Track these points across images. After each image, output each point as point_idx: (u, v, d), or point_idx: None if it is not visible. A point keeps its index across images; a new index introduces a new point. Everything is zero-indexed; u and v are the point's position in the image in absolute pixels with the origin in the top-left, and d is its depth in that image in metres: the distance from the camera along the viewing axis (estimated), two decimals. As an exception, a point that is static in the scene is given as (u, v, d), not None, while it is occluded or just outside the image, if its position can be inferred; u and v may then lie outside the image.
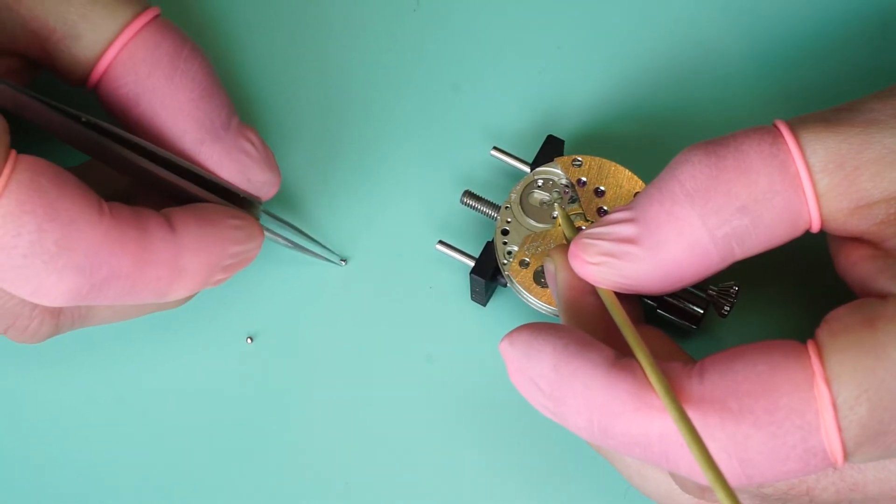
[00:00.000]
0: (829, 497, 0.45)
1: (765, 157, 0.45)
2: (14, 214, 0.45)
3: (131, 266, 0.46)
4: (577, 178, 0.53)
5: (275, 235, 0.53)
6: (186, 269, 0.48)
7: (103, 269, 0.46)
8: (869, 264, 0.45)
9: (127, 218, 0.47)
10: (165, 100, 0.50)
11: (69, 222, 0.45)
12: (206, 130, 0.50)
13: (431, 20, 0.59)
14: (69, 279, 0.46)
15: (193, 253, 0.48)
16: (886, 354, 0.41)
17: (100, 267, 0.46)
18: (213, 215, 0.49)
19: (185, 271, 0.48)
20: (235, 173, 0.51)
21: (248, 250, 0.50)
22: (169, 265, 0.47)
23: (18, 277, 0.45)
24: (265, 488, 0.52)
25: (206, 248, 0.48)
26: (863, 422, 0.41)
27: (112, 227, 0.46)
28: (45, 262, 0.45)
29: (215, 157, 0.50)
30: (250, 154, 0.51)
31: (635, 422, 0.43)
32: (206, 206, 0.50)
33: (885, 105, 0.45)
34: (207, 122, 0.50)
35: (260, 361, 0.54)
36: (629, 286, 0.46)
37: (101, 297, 0.47)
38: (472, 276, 0.53)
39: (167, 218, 0.48)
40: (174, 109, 0.50)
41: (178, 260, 0.48)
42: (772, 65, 0.58)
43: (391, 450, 0.53)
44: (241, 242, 0.50)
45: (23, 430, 0.53)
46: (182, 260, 0.48)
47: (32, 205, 0.45)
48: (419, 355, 0.54)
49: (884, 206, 0.45)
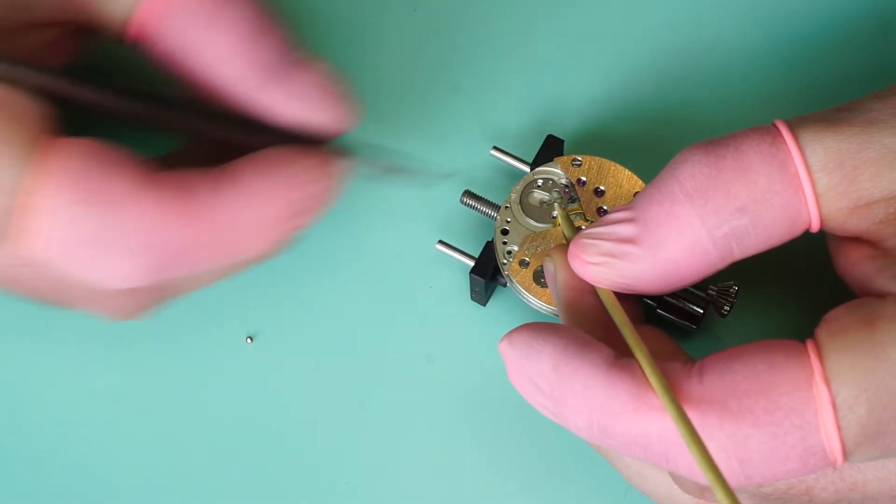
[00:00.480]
0: (829, 496, 0.45)
1: (764, 156, 0.45)
2: (62, 204, 0.43)
3: (196, 234, 0.44)
4: (577, 178, 0.53)
5: (366, 164, 0.49)
6: (257, 221, 0.46)
7: (169, 243, 0.44)
8: (868, 264, 0.45)
9: (182, 185, 0.45)
10: (212, 46, 0.47)
11: (122, 202, 0.43)
12: (262, 73, 0.47)
13: (431, 20, 0.59)
14: (135, 260, 0.44)
15: (261, 204, 0.46)
16: (886, 354, 0.41)
17: (164, 241, 0.44)
18: (275, 160, 0.46)
19: (255, 225, 0.46)
20: (302, 112, 0.47)
21: (321, 190, 0.47)
22: (237, 223, 0.45)
23: (83, 266, 0.44)
24: (265, 488, 0.52)
25: (272, 197, 0.46)
26: (862, 421, 0.41)
27: (169, 198, 0.44)
28: (106, 249, 0.44)
29: (278, 98, 0.47)
30: (316, 90, 0.48)
31: (635, 422, 0.43)
32: (267, 152, 0.47)
33: (884, 105, 0.45)
34: (262, 63, 0.47)
35: (260, 361, 0.54)
36: (629, 286, 0.46)
37: (176, 269, 0.45)
38: (472, 275, 0.53)
39: (228, 173, 0.46)
40: (224, 54, 0.47)
41: (244, 216, 0.45)
42: (772, 65, 0.58)
43: (391, 450, 0.53)
44: (311, 183, 0.47)
45: (23, 429, 0.53)
46: (248, 215, 0.45)
47: (79, 191, 0.43)
48: (419, 355, 0.54)
49: (883, 206, 0.45)
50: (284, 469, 0.53)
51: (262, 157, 0.47)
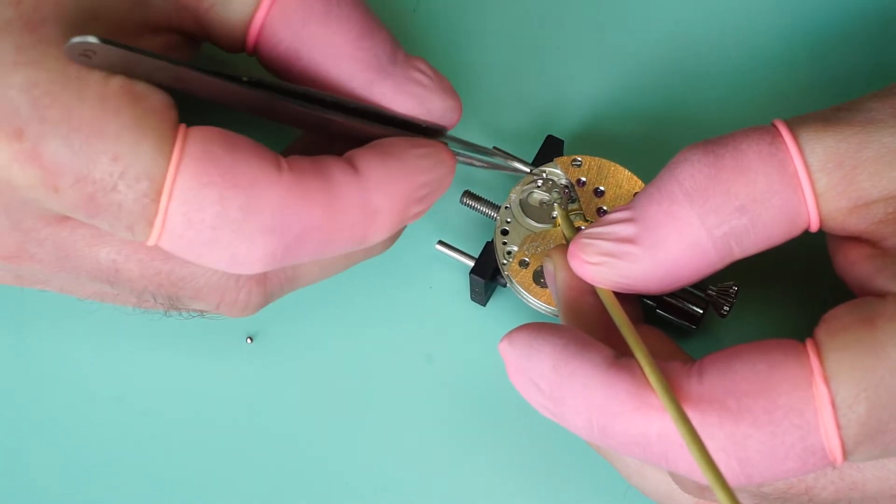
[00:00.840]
0: (829, 496, 0.45)
1: (763, 156, 0.45)
2: (193, 189, 0.43)
3: (322, 217, 0.45)
4: (577, 178, 0.53)
5: (467, 158, 0.51)
6: (379, 208, 0.46)
7: (294, 226, 0.45)
8: (867, 263, 0.45)
9: (308, 169, 0.45)
10: (326, 47, 0.48)
11: (249, 185, 0.44)
12: (373, 70, 0.48)
13: (431, 20, 0.59)
14: (262, 242, 0.44)
15: (382, 190, 0.46)
16: (885, 353, 0.41)
17: (290, 224, 0.45)
18: (396, 148, 0.47)
19: (378, 211, 0.46)
20: (413, 106, 0.49)
21: (439, 178, 0.48)
22: (360, 208, 0.46)
23: (212, 251, 0.44)
24: (265, 488, 0.52)
25: (395, 183, 0.46)
26: (861, 420, 0.41)
27: (294, 182, 0.45)
28: (234, 231, 0.44)
29: (389, 94, 0.48)
30: (424, 84, 0.49)
31: (634, 421, 0.43)
32: (387, 140, 0.48)
33: (883, 104, 0.45)
34: (373, 61, 0.48)
35: (260, 361, 0.54)
36: (628, 286, 0.46)
37: (299, 255, 0.46)
38: (472, 276, 0.53)
39: (350, 161, 0.46)
40: (337, 55, 0.48)
41: (368, 201, 0.46)
42: (772, 65, 0.58)
43: (391, 449, 0.53)
44: (430, 170, 0.47)
45: (22, 429, 0.53)
46: (372, 200, 0.46)
47: (209, 175, 0.44)
48: (419, 355, 0.54)
49: (882, 205, 0.45)
50: (284, 469, 0.53)
51: (383, 145, 0.47)
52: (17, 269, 0.49)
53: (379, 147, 0.47)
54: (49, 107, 0.43)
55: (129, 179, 0.43)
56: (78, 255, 0.47)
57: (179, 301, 0.49)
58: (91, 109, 0.43)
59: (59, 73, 0.43)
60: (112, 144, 0.43)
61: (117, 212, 0.44)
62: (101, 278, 0.48)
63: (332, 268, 0.50)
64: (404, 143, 0.48)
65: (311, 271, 0.50)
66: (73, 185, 0.43)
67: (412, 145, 0.48)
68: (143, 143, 0.43)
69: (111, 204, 0.44)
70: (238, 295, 0.48)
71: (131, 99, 0.44)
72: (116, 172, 0.43)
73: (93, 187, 0.43)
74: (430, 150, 0.48)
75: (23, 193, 0.44)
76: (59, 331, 0.55)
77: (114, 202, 0.43)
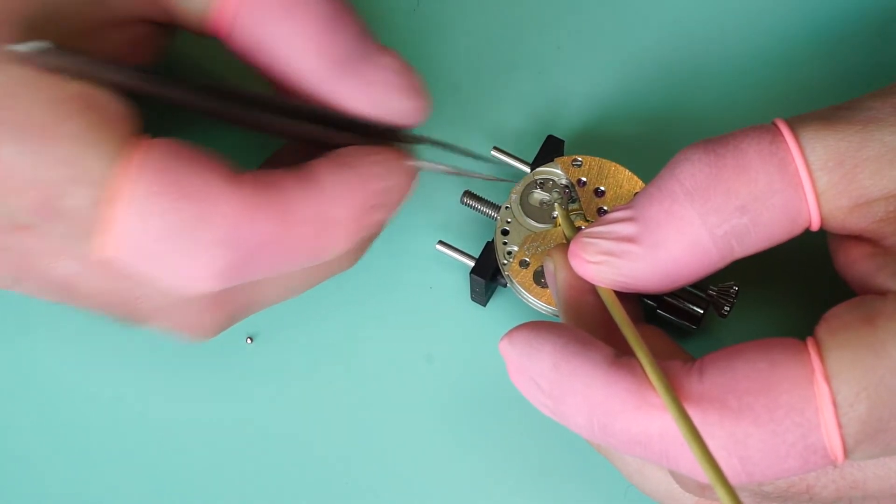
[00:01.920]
0: (829, 494, 0.45)
1: (764, 155, 0.45)
2: (143, 197, 0.43)
3: (276, 229, 0.44)
4: (577, 179, 0.53)
5: (431, 164, 0.50)
6: (333, 219, 0.46)
7: (247, 240, 0.44)
8: (868, 262, 0.45)
9: (263, 181, 0.45)
10: (288, 38, 0.47)
11: (202, 197, 0.44)
12: (335, 64, 0.47)
13: (431, 20, 0.59)
14: (215, 256, 0.44)
15: (336, 200, 0.46)
16: (886, 352, 0.41)
17: (243, 238, 0.44)
18: (351, 157, 0.47)
19: (332, 222, 0.46)
20: (377, 104, 0.47)
21: (395, 185, 0.47)
22: (314, 220, 0.45)
23: (164, 264, 0.44)
24: (265, 488, 0.52)
25: (348, 192, 0.46)
26: (862, 419, 0.41)
27: (248, 194, 0.44)
28: (185, 243, 0.44)
29: (352, 90, 0.47)
30: (390, 82, 0.48)
31: (635, 420, 0.43)
32: (343, 150, 0.47)
33: (884, 103, 0.45)
34: (336, 55, 0.47)
35: (260, 361, 0.54)
36: (629, 285, 0.46)
37: (255, 270, 0.45)
38: (472, 276, 0.53)
39: (307, 172, 0.46)
40: (299, 46, 0.47)
41: (322, 212, 0.45)
42: (772, 65, 0.58)
43: (391, 449, 0.53)
44: (384, 178, 0.47)
45: (22, 428, 0.53)
46: (327, 211, 0.45)
47: (161, 185, 0.43)
48: (419, 355, 0.54)
49: (883, 204, 0.45)
50: (284, 469, 0.53)
51: (339, 154, 0.47)
52: None
53: (335, 157, 0.47)
54: (3, 108, 0.43)
55: (80, 185, 0.43)
56: (35, 267, 0.46)
57: (140, 319, 0.48)
58: (44, 113, 0.43)
59: (14, 75, 0.43)
60: (63, 149, 0.43)
61: (70, 218, 0.44)
62: (58, 293, 0.47)
63: (295, 285, 0.49)
64: (360, 152, 0.47)
65: (272, 290, 0.49)
66: (26, 188, 0.43)
67: (367, 153, 0.47)
68: (94, 149, 0.43)
69: (64, 209, 0.43)
70: (196, 318, 0.48)
71: (85, 105, 0.44)
72: (67, 177, 0.43)
73: (46, 192, 0.43)
74: (384, 157, 0.47)
75: None
76: (59, 331, 0.55)
77: (66, 207, 0.43)
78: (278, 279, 0.48)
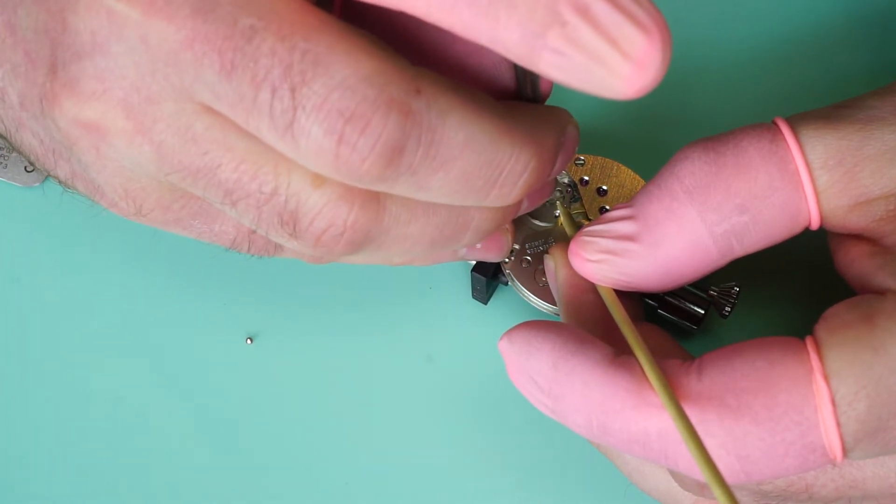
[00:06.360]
0: (829, 494, 0.44)
1: (764, 153, 0.45)
2: None
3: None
4: (580, 178, 0.53)
5: None
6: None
7: None
8: (868, 261, 0.45)
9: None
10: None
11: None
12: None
13: (432, 20, 0.59)
14: None
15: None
16: (885, 351, 0.41)
17: None
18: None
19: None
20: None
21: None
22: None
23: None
24: (265, 488, 0.52)
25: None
26: (861, 418, 0.41)
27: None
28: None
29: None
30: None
31: (634, 419, 0.43)
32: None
33: (884, 102, 0.45)
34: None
35: (260, 361, 0.54)
36: (629, 283, 0.46)
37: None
38: (474, 274, 0.53)
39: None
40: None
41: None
42: (772, 64, 0.58)
43: (391, 449, 0.53)
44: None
45: (22, 428, 0.53)
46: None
47: None
48: (419, 355, 0.54)
49: (883, 203, 0.44)
50: (284, 469, 0.53)
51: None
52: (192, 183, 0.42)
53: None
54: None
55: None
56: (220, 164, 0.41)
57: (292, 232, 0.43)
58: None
59: None
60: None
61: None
62: (227, 197, 0.42)
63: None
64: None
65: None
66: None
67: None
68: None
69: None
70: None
71: None
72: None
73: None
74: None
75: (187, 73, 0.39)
76: (59, 331, 0.55)
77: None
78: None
